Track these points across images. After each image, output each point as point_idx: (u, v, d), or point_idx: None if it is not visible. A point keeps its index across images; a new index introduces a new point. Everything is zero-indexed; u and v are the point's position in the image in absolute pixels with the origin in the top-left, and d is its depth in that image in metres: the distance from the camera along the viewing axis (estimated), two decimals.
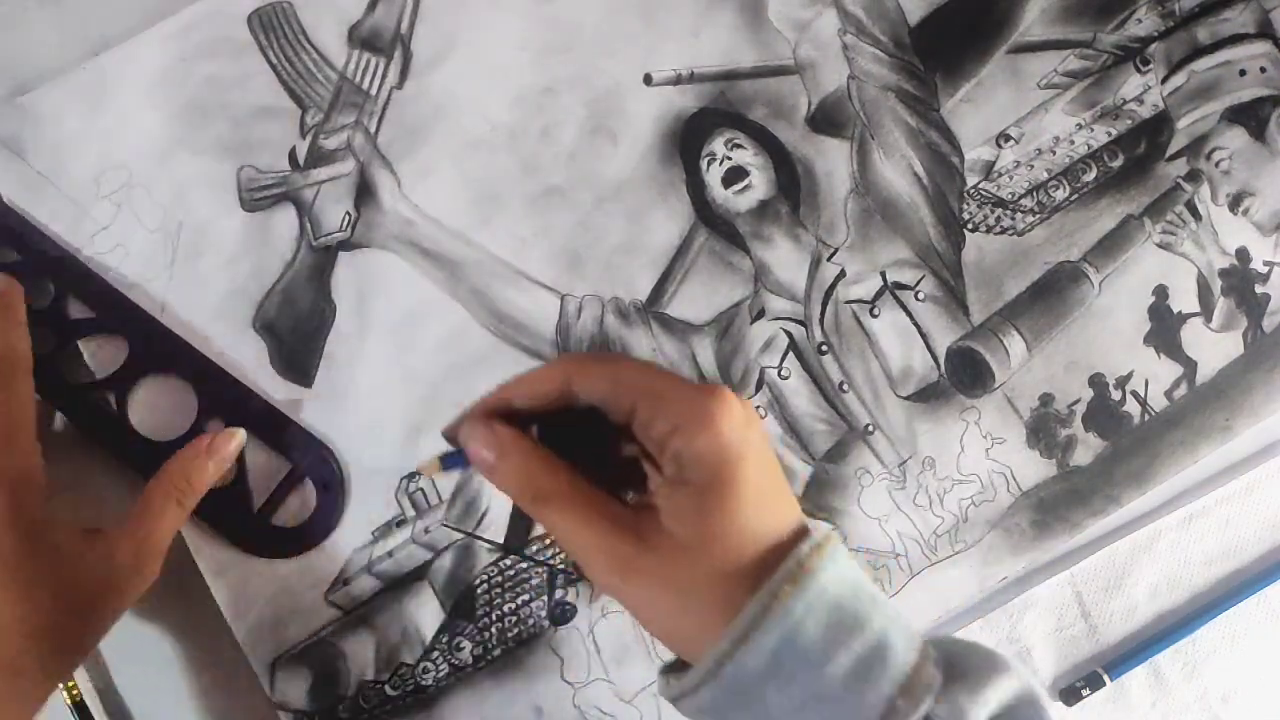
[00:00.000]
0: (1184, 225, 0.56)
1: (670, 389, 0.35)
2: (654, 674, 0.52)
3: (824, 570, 0.34)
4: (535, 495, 0.36)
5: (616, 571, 0.35)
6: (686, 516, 0.34)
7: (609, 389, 0.36)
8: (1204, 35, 0.57)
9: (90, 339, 0.51)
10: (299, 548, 0.51)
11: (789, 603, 0.33)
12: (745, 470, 0.34)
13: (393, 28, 0.53)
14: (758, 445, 0.35)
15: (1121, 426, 0.55)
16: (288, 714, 0.51)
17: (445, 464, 0.39)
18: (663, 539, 0.35)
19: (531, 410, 0.37)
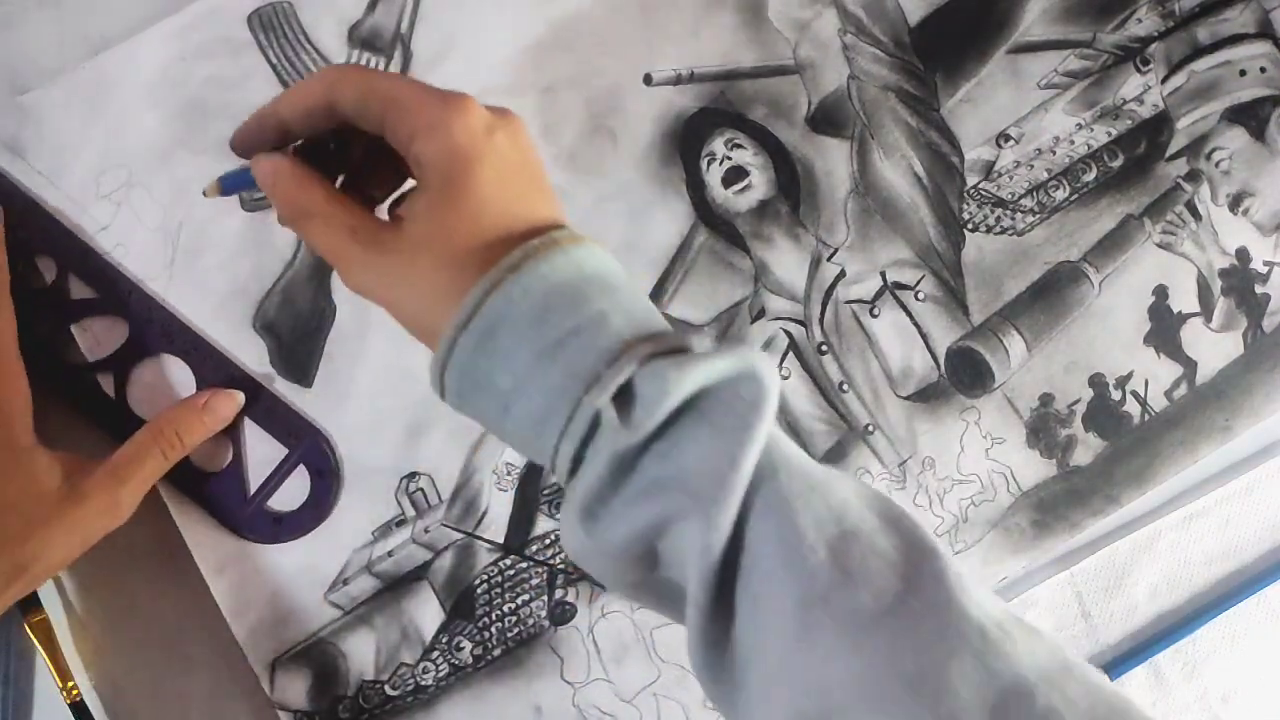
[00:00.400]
0: (1184, 225, 0.56)
1: (413, 97, 0.37)
2: (654, 674, 0.52)
3: (551, 260, 0.35)
4: (293, 212, 0.39)
5: (367, 274, 0.37)
6: (422, 217, 0.36)
7: (361, 97, 0.37)
8: (1204, 35, 0.57)
9: (91, 319, 0.51)
10: (291, 534, 0.51)
11: (507, 286, 0.35)
12: (479, 172, 0.36)
13: (393, 27, 0.53)
14: (501, 149, 0.37)
15: (1121, 426, 0.55)
16: (287, 714, 0.51)
17: (225, 185, 0.41)
18: (402, 242, 0.37)
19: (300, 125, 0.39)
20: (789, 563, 0.33)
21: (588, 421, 0.34)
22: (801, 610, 0.33)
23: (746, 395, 0.34)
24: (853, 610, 0.32)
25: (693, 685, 0.52)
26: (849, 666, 0.32)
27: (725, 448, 0.33)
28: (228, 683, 0.52)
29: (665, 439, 0.34)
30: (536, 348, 0.35)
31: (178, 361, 0.51)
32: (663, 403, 0.33)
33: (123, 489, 0.47)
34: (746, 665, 0.34)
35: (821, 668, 0.33)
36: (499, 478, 0.52)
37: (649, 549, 0.35)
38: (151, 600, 0.52)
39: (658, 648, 0.52)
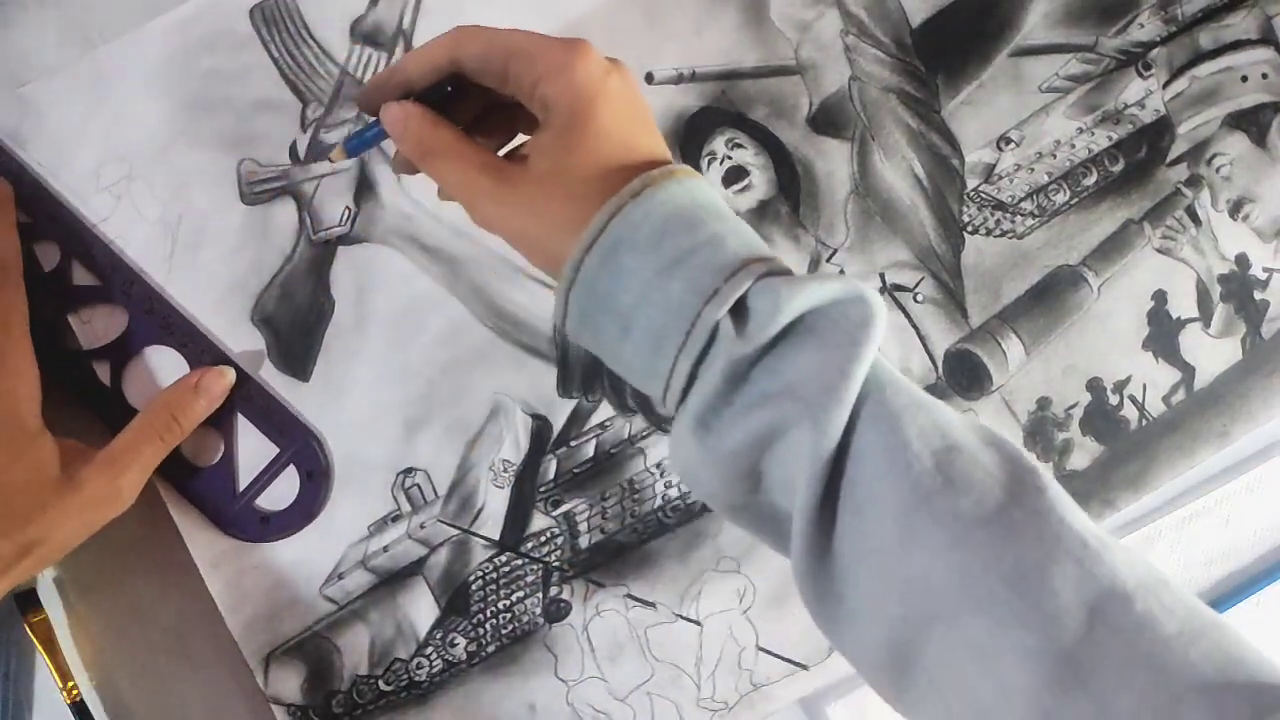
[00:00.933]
0: (1184, 230, 0.56)
1: (535, 44, 0.40)
2: (648, 673, 0.52)
3: (668, 189, 0.38)
4: (424, 151, 0.41)
5: (496, 206, 0.40)
6: (547, 153, 0.39)
7: (485, 51, 0.40)
8: (1206, 41, 0.57)
9: (91, 307, 0.51)
10: (278, 533, 0.51)
11: (629, 210, 0.37)
12: (600, 109, 0.39)
13: (395, 23, 0.53)
14: (616, 90, 0.39)
15: (1119, 431, 0.55)
16: (281, 708, 0.51)
17: (349, 148, 0.44)
18: (528, 176, 0.39)
19: (423, 82, 0.42)
20: (893, 470, 0.34)
21: (706, 334, 0.36)
22: (905, 515, 0.34)
23: (854, 315, 0.36)
24: (955, 514, 0.34)
25: (686, 684, 0.52)
26: (950, 567, 0.33)
27: (835, 360, 0.35)
28: (227, 680, 0.52)
29: (776, 354, 0.36)
30: (657, 266, 0.37)
31: (174, 353, 0.51)
32: (776, 317, 0.35)
33: (122, 476, 0.47)
34: (847, 576, 0.36)
35: (923, 570, 0.34)
36: (495, 474, 0.52)
37: (755, 466, 0.37)
38: (151, 599, 0.52)
39: (652, 646, 0.52)
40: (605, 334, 0.38)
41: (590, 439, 0.53)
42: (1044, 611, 0.32)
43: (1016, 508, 0.34)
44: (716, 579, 0.53)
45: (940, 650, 0.34)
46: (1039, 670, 0.31)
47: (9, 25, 0.52)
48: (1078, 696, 0.31)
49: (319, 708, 0.51)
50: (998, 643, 0.32)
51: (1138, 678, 0.31)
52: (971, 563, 0.33)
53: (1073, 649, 0.31)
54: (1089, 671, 0.31)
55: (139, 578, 0.51)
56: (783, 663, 0.53)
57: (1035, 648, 0.32)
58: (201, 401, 0.50)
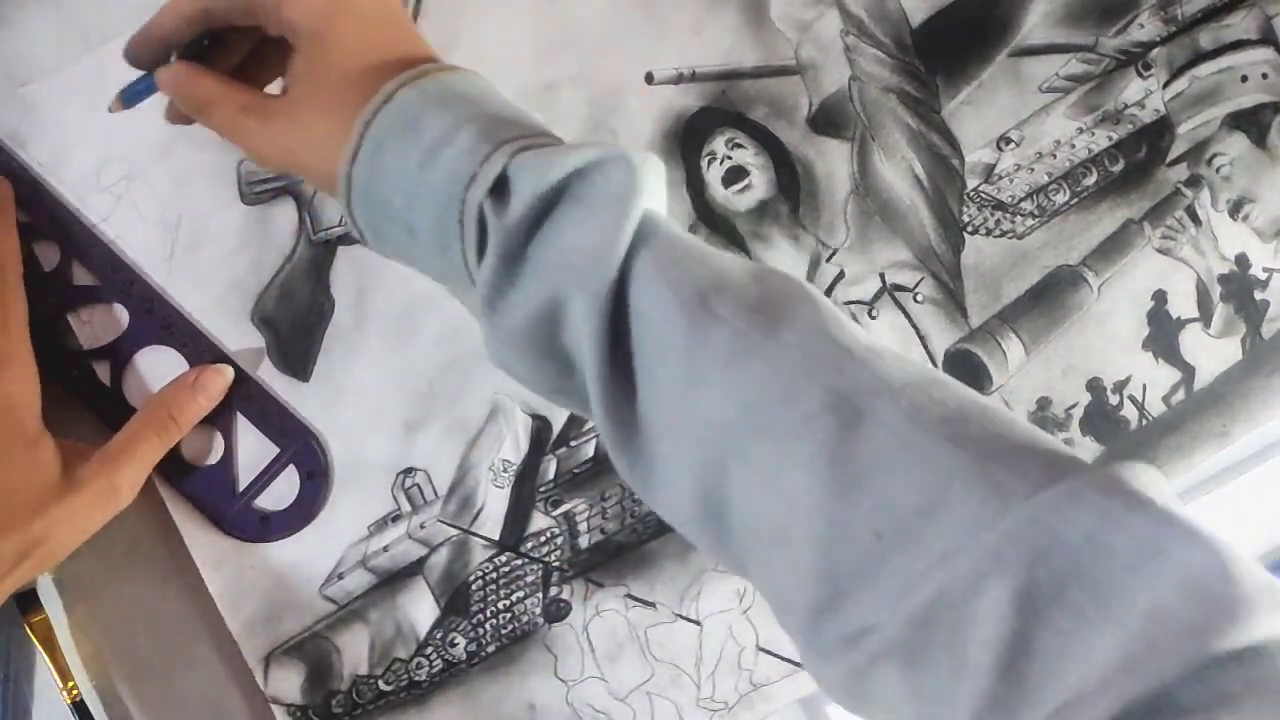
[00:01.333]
0: (1184, 230, 0.56)
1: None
2: (648, 673, 0.52)
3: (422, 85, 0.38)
4: (196, 106, 0.42)
5: (264, 142, 0.41)
6: (300, 74, 0.40)
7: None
8: (1206, 41, 0.56)
9: (91, 307, 0.51)
10: (277, 533, 0.51)
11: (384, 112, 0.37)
12: (342, 21, 0.39)
13: None
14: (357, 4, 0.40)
15: (1119, 431, 0.55)
16: (281, 707, 0.51)
17: (126, 98, 0.44)
18: (289, 104, 0.40)
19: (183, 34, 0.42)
20: (669, 320, 0.34)
21: (476, 220, 0.36)
22: (685, 360, 0.34)
23: (617, 177, 0.35)
24: (731, 348, 0.34)
25: (686, 684, 0.52)
26: (731, 399, 0.33)
27: (599, 225, 0.35)
28: (227, 680, 0.52)
29: (546, 226, 0.36)
30: (418, 160, 0.37)
31: (174, 353, 0.51)
32: (535, 189, 0.35)
33: (119, 475, 0.47)
34: (651, 436, 0.36)
35: (708, 409, 0.34)
36: (495, 474, 0.52)
37: (553, 344, 0.37)
38: (151, 599, 0.52)
39: (651, 646, 0.52)
40: (399, 242, 0.39)
41: (590, 439, 0.53)
42: (816, 421, 0.32)
43: (787, 330, 0.34)
44: (716, 579, 0.53)
45: (740, 487, 0.34)
46: (818, 477, 0.31)
47: (9, 25, 0.52)
48: (856, 494, 0.31)
49: (319, 708, 0.51)
50: (781, 462, 0.32)
51: (909, 465, 0.31)
52: (747, 391, 0.33)
53: (847, 451, 0.31)
54: (864, 468, 0.31)
55: (139, 578, 0.51)
56: (783, 662, 0.53)
57: (811, 455, 0.32)
58: (200, 399, 0.50)
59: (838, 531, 0.31)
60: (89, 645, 0.52)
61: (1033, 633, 0.27)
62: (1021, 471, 0.30)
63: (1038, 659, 0.27)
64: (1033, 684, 0.27)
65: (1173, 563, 0.27)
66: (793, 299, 0.35)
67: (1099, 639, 0.27)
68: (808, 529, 0.32)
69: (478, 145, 0.36)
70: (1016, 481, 0.30)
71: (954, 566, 0.29)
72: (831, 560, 0.32)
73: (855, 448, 0.32)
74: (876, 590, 0.31)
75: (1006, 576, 0.28)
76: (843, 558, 0.31)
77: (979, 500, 0.30)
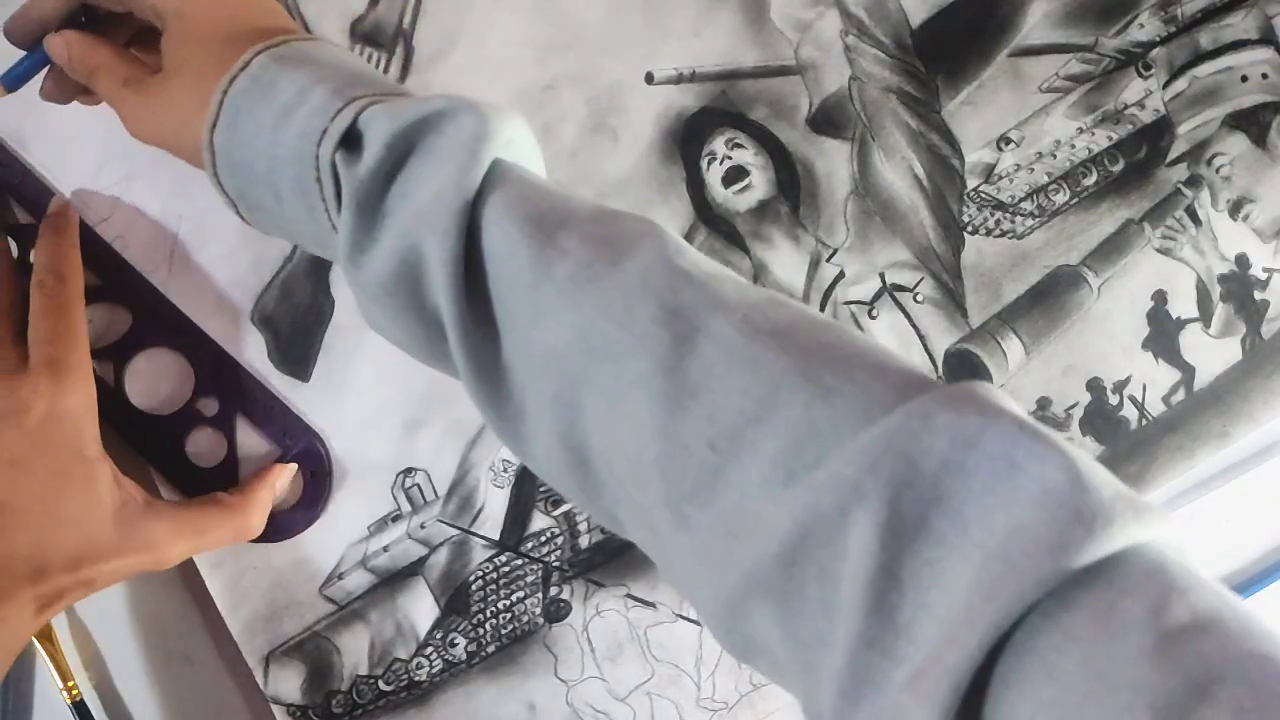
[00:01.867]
0: (1184, 230, 0.56)
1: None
2: (648, 673, 0.52)
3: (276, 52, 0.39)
4: (88, 70, 0.43)
5: (140, 116, 0.42)
6: (167, 54, 0.41)
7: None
8: (1206, 41, 0.56)
9: (94, 307, 0.51)
10: (281, 534, 0.51)
11: (239, 80, 0.38)
12: (197, 5, 0.41)
13: (395, 23, 0.53)
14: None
15: (1119, 431, 0.55)
16: (281, 708, 0.51)
17: (7, 83, 0.45)
18: (160, 81, 0.41)
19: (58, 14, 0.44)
20: (516, 255, 0.34)
21: (331, 174, 0.36)
22: (531, 294, 0.34)
23: (468, 124, 0.36)
24: (572, 277, 0.34)
25: (686, 684, 0.52)
26: (568, 328, 0.33)
27: (448, 171, 0.35)
28: (227, 680, 0.52)
29: (400, 178, 0.36)
30: (272, 123, 0.37)
31: (177, 355, 0.51)
32: (384, 139, 0.35)
33: (176, 548, 0.46)
34: (515, 383, 0.36)
35: (553, 339, 0.34)
36: (495, 474, 0.52)
37: (420, 303, 0.36)
38: (151, 599, 0.52)
39: (652, 646, 0.52)
40: (269, 208, 0.39)
41: None
42: (651, 336, 0.32)
43: (629, 260, 0.34)
44: None
45: (593, 420, 0.34)
46: (653, 393, 0.32)
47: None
48: (690, 406, 0.31)
49: (319, 708, 0.51)
50: (620, 383, 0.32)
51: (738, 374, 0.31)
52: (587, 317, 0.33)
53: (680, 363, 0.32)
54: (695, 380, 0.31)
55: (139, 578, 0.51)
56: None
57: (648, 371, 0.32)
58: (269, 498, 0.50)
59: (674, 447, 0.31)
60: (89, 645, 0.52)
61: (901, 565, 0.27)
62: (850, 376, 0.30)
63: (908, 592, 0.27)
64: (904, 619, 0.27)
65: (1027, 478, 0.27)
66: (639, 234, 0.35)
67: (964, 564, 0.27)
68: (650, 450, 0.32)
69: (329, 102, 0.37)
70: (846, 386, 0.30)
71: (814, 499, 0.29)
72: (671, 480, 0.31)
73: (688, 360, 0.32)
74: (716, 508, 0.31)
75: (869, 509, 0.27)
76: (681, 476, 0.31)
77: (803, 404, 0.30)
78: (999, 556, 0.26)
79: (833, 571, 0.28)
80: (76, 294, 0.47)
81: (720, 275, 0.34)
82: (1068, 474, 0.26)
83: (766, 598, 0.30)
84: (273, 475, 0.50)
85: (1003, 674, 0.25)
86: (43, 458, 0.43)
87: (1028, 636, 0.25)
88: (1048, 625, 0.25)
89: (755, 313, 0.32)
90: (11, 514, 0.43)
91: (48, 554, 0.43)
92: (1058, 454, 0.27)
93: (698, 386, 0.31)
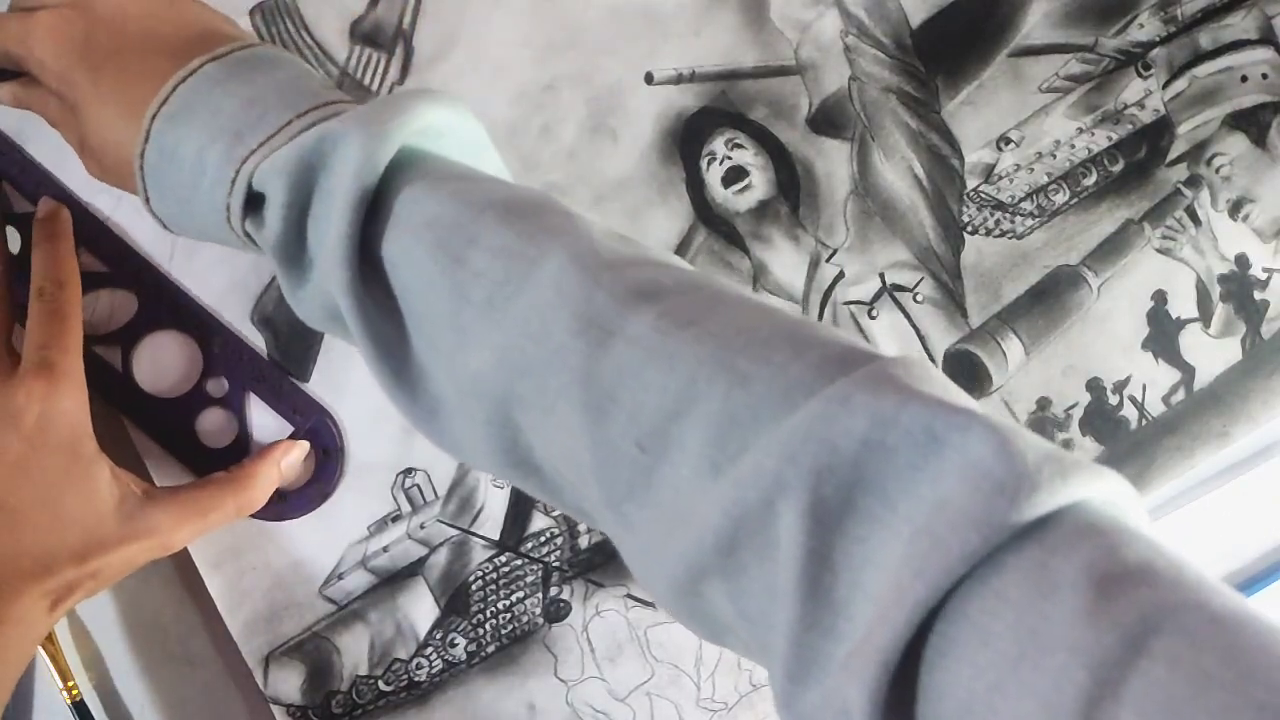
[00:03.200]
0: (1184, 231, 0.56)
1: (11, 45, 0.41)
2: (648, 673, 0.52)
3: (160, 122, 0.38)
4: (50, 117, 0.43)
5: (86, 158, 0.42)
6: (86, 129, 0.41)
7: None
8: (1206, 41, 0.56)
9: (100, 292, 0.51)
10: (295, 511, 0.51)
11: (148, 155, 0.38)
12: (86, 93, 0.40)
13: (394, 23, 0.53)
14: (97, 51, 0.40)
15: (1118, 431, 0.55)
16: (281, 708, 0.51)
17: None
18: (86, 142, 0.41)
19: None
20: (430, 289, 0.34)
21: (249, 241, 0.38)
22: (451, 322, 0.34)
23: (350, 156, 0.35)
24: (488, 300, 0.33)
25: (686, 685, 0.52)
26: (491, 351, 0.33)
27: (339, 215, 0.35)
28: (227, 680, 0.52)
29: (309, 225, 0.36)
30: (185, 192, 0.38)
31: (184, 337, 0.51)
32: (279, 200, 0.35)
33: (180, 532, 0.47)
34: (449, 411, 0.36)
35: (479, 364, 0.34)
36: None
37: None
38: (151, 599, 0.52)
39: (652, 647, 0.52)
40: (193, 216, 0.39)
41: None
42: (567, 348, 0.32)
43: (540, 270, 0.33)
44: None
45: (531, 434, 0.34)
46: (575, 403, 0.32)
47: None
48: (612, 411, 0.31)
49: (319, 708, 0.51)
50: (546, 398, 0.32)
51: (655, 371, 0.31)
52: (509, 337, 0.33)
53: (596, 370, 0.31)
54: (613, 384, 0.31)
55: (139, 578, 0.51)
56: None
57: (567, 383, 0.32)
58: (284, 473, 0.50)
59: (605, 453, 0.31)
60: (89, 645, 0.52)
61: (830, 547, 0.27)
62: (767, 359, 0.30)
63: (841, 573, 0.27)
64: (840, 599, 0.27)
65: (952, 450, 0.26)
66: (550, 233, 0.34)
67: (893, 541, 0.26)
68: (584, 458, 0.32)
69: (223, 169, 0.37)
70: (762, 370, 0.29)
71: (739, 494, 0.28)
72: (606, 485, 0.32)
73: (603, 366, 0.31)
74: (654, 505, 0.31)
75: (793, 498, 0.27)
76: (615, 479, 0.31)
77: (721, 394, 0.30)
78: (925, 532, 0.26)
79: (769, 556, 0.28)
80: (75, 299, 0.47)
81: (640, 259, 0.34)
82: (990, 444, 0.26)
83: (715, 577, 0.30)
84: (277, 450, 0.50)
85: (936, 642, 0.25)
86: (41, 459, 0.44)
87: (960, 602, 0.25)
88: (980, 589, 0.25)
89: (673, 303, 0.32)
90: (14, 514, 0.44)
91: (53, 550, 0.44)
92: (980, 424, 0.27)
93: (616, 390, 0.31)
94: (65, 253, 0.48)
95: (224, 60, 0.39)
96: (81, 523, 0.44)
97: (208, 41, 0.40)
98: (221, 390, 0.52)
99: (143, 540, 0.46)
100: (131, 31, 0.41)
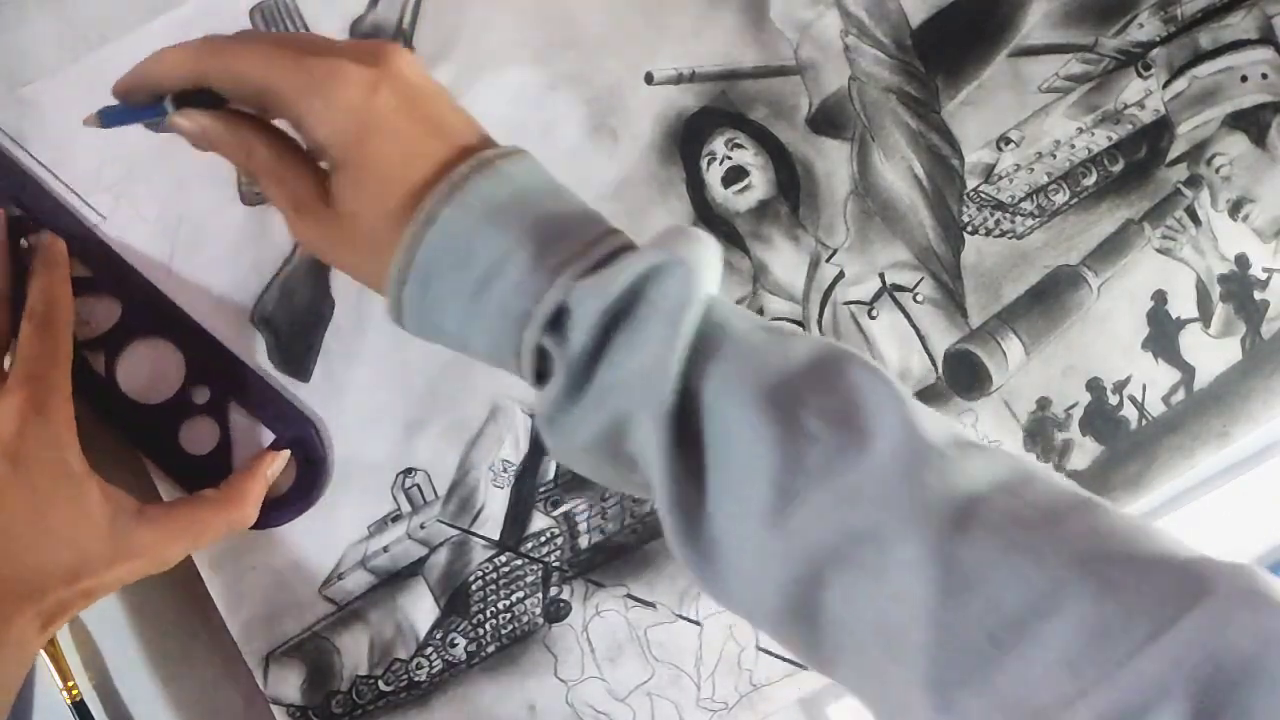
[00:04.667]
0: (1184, 231, 0.56)
1: (283, 81, 0.37)
2: (648, 673, 0.52)
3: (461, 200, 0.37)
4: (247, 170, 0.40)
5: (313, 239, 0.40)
6: (340, 196, 0.38)
7: (231, 79, 0.38)
8: (1206, 41, 0.57)
9: (84, 298, 0.51)
10: (275, 520, 0.51)
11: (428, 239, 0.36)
12: (373, 141, 0.37)
13: (394, 23, 0.53)
14: (386, 108, 0.37)
15: (1119, 431, 0.55)
16: (281, 708, 0.51)
17: (105, 119, 0.42)
18: (334, 218, 0.39)
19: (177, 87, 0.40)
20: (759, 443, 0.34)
21: (533, 354, 0.36)
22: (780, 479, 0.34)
23: (672, 290, 0.35)
24: (826, 465, 0.34)
25: (686, 684, 0.52)
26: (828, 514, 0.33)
27: (655, 345, 0.35)
28: (227, 680, 0.52)
29: (613, 344, 0.35)
30: (468, 290, 0.36)
31: (168, 344, 0.51)
32: (593, 320, 0.35)
33: (173, 548, 0.46)
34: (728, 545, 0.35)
35: (806, 524, 0.34)
36: (495, 474, 0.52)
37: (619, 453, 0.36)
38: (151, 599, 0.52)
39: (652, 647, 0.52)
40: (452, 345, 0.39)
41: None
42: (919, 522, 0.32)
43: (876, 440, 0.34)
44: None
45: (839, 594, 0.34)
46: (924, 579, 0.32)
47: (9, 25, 0.52)
48: (965, 596, 0.31)
49: (319, 708, 0.51)
50: (884, 560, 0.32)
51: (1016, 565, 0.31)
52: (847, 504, 0.33)
53: (953, 551, 0.32)
54: (972, 571, 0.31)
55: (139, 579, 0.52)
56: (782, 663, 0.53)
57: (917, 556, 0.32)
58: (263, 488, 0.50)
59: (947, 635, 0.31)
60: (89, 645, 0.52)
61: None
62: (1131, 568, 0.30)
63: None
64: None
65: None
66: (878, 404, 0.34)
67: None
68: (919, 634, 0.32)
69: (530, 278, 0.36)
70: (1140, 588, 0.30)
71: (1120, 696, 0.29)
72: (940, 665, 0.31)
73: (962, 550, 0.32)
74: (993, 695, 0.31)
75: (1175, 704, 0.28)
76: (953, 663, 0.31)
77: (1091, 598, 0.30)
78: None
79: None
80: (65, 323, 0.47)
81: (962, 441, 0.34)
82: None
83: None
84: (262, 464, 0.50)
85: None
86: (27, 478, 0.43)
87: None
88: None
89: (1016, 493, 0.32)
90: (4, 535, 0.43)
91: (45, 571, 0.43)
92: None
93: (974, 575, 0.31)
94: (59, 281, 0.48)
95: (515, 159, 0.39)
96: (73, 542, 0.44)
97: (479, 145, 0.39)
98: (204, 397, 0.51)
99: (135, 559, 0.45)
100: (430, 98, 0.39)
